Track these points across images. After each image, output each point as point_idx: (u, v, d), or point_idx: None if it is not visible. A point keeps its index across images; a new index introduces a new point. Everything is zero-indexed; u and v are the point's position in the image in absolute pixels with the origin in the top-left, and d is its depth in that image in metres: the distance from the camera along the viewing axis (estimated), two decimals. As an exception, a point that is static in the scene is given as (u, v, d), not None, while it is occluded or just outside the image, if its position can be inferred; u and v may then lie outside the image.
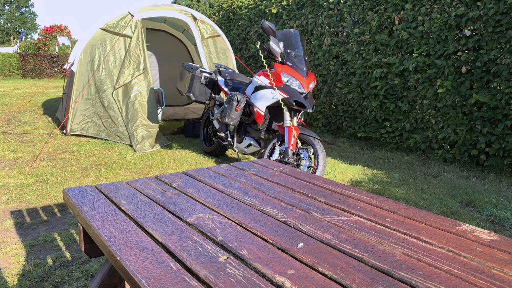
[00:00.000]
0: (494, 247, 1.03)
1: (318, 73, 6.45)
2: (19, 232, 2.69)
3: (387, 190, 3.66)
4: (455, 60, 4.47)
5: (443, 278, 0.86)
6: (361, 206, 1.30)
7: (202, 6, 25.24)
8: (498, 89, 4.18)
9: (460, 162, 4.68)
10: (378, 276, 0.87)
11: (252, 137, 4.07)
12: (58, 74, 15.05)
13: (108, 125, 5.25)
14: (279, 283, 0.84)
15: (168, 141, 5.40)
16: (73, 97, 5.35)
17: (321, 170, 3.47)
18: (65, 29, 19.32)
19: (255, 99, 3.87)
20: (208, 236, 1.07)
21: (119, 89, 5.20)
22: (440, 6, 4.57)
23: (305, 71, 3.69)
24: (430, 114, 4.81)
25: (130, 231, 1.09)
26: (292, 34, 3.83)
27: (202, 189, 1.44)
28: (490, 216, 3.14)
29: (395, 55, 5.13)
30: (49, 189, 3.49)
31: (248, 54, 8.09)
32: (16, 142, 5.22)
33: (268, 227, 1.13)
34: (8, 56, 15.34)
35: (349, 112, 5.99)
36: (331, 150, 5.32)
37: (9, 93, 10.52)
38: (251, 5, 7.90)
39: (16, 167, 4.12)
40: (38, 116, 7.11)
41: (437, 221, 1.19)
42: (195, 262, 0.92)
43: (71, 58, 5.54)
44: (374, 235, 1.08)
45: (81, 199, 1.33)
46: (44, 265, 2.26)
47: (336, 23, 6.00)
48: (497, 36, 4.08)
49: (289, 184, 1.54)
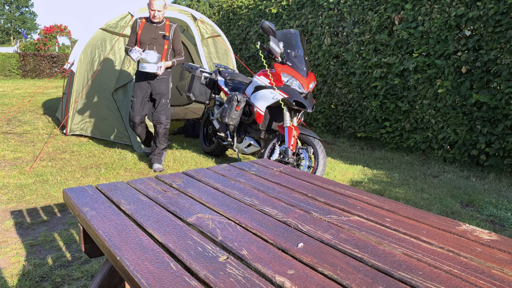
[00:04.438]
0: (494, 247, 1.03)
1: (318, 73, 6.45)
2: (19, 232, 2.69)
3: (387, 190, 3.66)
4: (455, 60, 4.47)
5: (443, 278, 0.86)
6: (361, 206, 1.30)
7: (202, 6, 25.25)
8: (498, 89, 4.18)
9: (460, 162, 4.68)
10: (378, 276, 0.87)
11: (252, 137, 4.07)
12: (58, 74, 15.05)
13: (108, 125, 5.25)
14: (279, 283, 0.84)
15: (168, 141, 5.40)
16: (73, 97, 5.35)
17: (321, 170, 3.47)
18: (65, 29, 19.32)
19: (255, 99, 3.87)
20: (208, 236, 1.07)
21: (119, 89, 5.20)
22: (440, 6, 4.57)
23: (305, 71, 3.69)
24: (430, 114, 4.81)
25: (130, 231, 1.09)
26: (292, 34, 3.83)
27: (202, 189, 1.44)
28: (490, 216, 3.14)
29: (395, 55, 5.14)
30: (49, 189, 3.49)
31: (248, 54, 8.09)
32: (16, 142, 5.22)
33: (268, 227, 1.13)
34: (8, 56, 15.34)
35: (349, 112, 5.99)
36: (331, 150, 5.32)
37: (9, 93, 10.52)
38: (251, 5, 7.90)
39: (16, 167, 4.12)
40: (38, 116, 7.11)
41: (437, 221, 1.19)
42: (195, 262, 0.92)
43: (71, 58, 5.54)
44: (374, 235, 1.08)
45: (81, 199, 1.33)
46: (44, 265, 2.26)
47: (336, 23, 6.00)
48: (497, 36, 4.08)
49: (289, 184, 1.54)
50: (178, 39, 4.05)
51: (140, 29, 3.95)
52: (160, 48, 3.99)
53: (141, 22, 3.96)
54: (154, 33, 3.95)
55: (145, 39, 3.93)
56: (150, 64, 3.79)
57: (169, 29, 4.01)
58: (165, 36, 3.95)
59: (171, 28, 4.02)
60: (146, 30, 3.94)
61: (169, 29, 4.01)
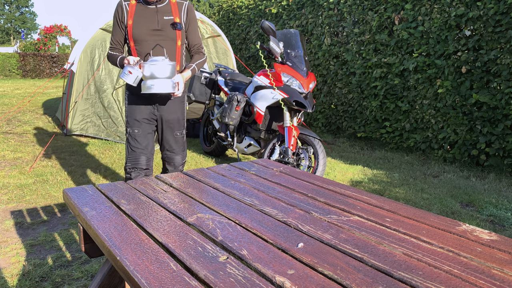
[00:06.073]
0: (494, 247, 1.03)
1: (318, 73, 6.45)
2: (19, 232, 2.69)
3: (387, 190, 3.66)
4: (455, 60, 4.47)
5: (443, 278, 0.86)
6: (361, 206, 1.30)
7: (202, 6, 25.25)
8: (498, 89, 4.18)
9: (460, 162, 4.68)
10: (378, 276, 0.87)
11: (252, 137, 4.07)
12: (58, 74, 15.05)
13: (108, 125, 5.25)
14: (279, 283, 0.84)
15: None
16: (73, 97, 5.35)
17: (321, 170, 3.47)
18: (65, 29, 19.33)
19: (255, 99, 3.87)
20: (208, 236, 1.07)
21: (119, 89, 5.20)
22: (440, 6, 4.57)
23: (305, 71, 3.69)
24: (430, 114, 4.81)
25: (130, 231, 1.09)
26: (292, 34, 3.83)
27: (202, 189, 1.44)
28: (490, 216, 3.14)
29: (395, 55, 5.13)
30: (49, 189, 3.49)
31: (248, 54, 8.09)
32: (16, 142, 5.22)
33: (268, 227, 1.13)
34: (8, 56, 15.34)
35: (349, 112, 5.99)
36: (331, 150, 5.32)
37: (9, 93, 10.52)
38: (251, 5, 7.90)
39: (16, 167, 4.12)
40: (38, 116, 7.11)
41: (437, 221, 1.19)
42: (195, 262, 0.92)
43: (71, 58, 5.54)
44: (374, 235, 1.08)
45: (81, 199, 1.33)
46: (44, 265, 2.26)
47: (336, 23, 6.00)
48: (497, 36, 4.08)
49: (289, 184, 1.54)
50: (195, 26, 2.53)
51: (130, 17, 2.39)
52: (171, 47, 2.46)
53: (130, 5, 2.40)
54: (155, 20, 2.40)
55: (141, 34, 2.40)
56: (161, 81, 2.28)
57: (178, 10, 2.44)
58: (176, 24, 2.41)
59: (182, 9, 2.46)
60: (141, 17, 2.39)
61: (180, 10, 2.45)
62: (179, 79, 2.38)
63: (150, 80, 2.28)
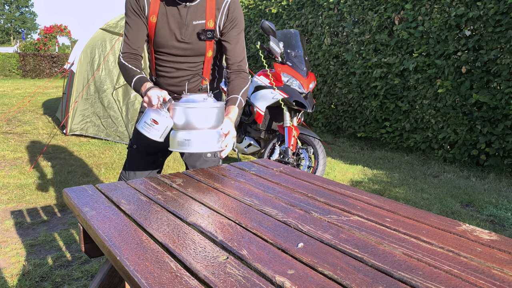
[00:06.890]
0: (494, 247, 1.03)
1: (318, 73, 6.45)
2: (19, 232, 2.69)
3: (387, 190, 3.66)
4: (455, 60, 4.47)
5: (443, 278, 0.86)
6: (361, 206, 1.30)
7: (202, 6, 25.22)
8: (498, 89, 4.18)
9: (460, 162, 4.68)
10: (378, 276, 0.87)
11: (252, 137, 4.07)
12: (58, 74, 15.05)
13: (108, 125, 5.25)
14: (279, 283, 0.84)
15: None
16: (73, 97, 5.35)
17: (321, 170, 3.47)
18: (65, 29, 19.33)
19: (255, 99, 3.87)
20: (208, 236, 1.07)
21: (119, 89, 5.20)
22: (440, 6, 4.57)
23: (305, 71, 3.69)
24: (430, 114, 4.80)
25: (130, 231, 1.09)
26: (292, 34, 3.83)
27: (202, 189, 1.44)
28: (490, 216, 3.14)
29: (395, 55, 5.13)
30: (49, 189, 3.49)
31: (248, 54, 8.09)
32: (16, 142, 5.22)
33: (268, 227, 1.13)
34: (8, 56, 15.34)
35: (349, 112, 5.99)
36: (331, 150, 5.32)
37: (9, 93, 10.52)
38: (251, 5, 7.89)
39: (16, 167, 4.12)
40: (38, 116, 7.11)
41: (437, 221, 1.19)
42: (195, 262, 0.92)
43: (71, 58, 5.54)
44: (374, 235, 1.08)
45: (81, 199, 1.33)
46: (44, 265, 2.26)
47: (336, 23, 6.00)
48: (497, 36, 4.08)
49: (289, 184, 1.54)
50: (237, 33, 1.75)
51: (153, 12, 1.65)
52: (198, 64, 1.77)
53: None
54: (182, 25, 1.67)
55: (163, 41, 1.70)
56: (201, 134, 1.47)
57: (216, 10, 1.68)
58: (205, 32, 1.68)
59: (221, 9, 1.68)
60: (166, 17, 1.66)
61: (218, 10, 1.68)
62: (229, 127, 1.54)
63: (183, 132, 1.46)
